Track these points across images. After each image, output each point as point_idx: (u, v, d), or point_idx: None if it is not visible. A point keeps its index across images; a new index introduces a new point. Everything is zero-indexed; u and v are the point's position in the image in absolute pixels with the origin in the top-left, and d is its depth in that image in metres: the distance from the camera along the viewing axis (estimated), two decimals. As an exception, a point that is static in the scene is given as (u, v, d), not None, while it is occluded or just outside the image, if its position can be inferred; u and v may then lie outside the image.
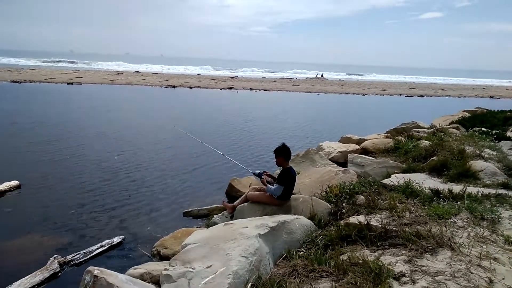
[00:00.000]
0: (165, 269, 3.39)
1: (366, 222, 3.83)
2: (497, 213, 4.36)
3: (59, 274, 4.51)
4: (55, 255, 4.74)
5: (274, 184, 4.85)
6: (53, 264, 4.59)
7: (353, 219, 4.07)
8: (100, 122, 14.37)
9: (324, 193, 5.13)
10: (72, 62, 62.69)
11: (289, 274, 3.15)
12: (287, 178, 4.76)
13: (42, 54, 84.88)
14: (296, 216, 4.21)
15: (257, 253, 3.32)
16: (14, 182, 7.16)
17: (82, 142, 10.85)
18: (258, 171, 5.38)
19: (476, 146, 8.09)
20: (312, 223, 4.25)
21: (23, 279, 4.25)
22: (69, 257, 4.81)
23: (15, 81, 28.33)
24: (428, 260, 3.21)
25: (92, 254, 4.98)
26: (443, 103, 29.90)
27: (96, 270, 2.46)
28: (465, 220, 4.19)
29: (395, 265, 3.17)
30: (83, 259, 4.88)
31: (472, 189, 5.21)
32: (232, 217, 5.05)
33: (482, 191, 5.13)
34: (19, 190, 7.07)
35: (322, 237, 3.91)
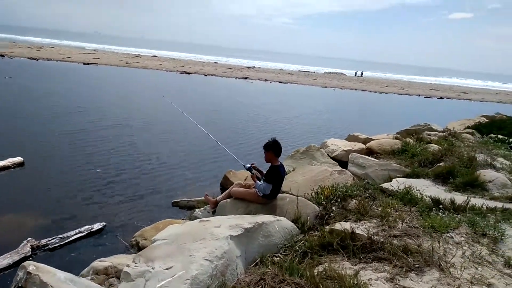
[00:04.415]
0: (127, 266, 3.13)
1: (351, 230, 3.50)
2: (500, 230, 3.95)
3: (30, 258, 4.32)
4: (29, 238, 4.56)
5: (263, 181, 4.52)
6: (25, 248, 4.41)
7: (339, 226, 3.74)
8: (104, 105, 14.22)
9: (314, 194, 4.77)
10: (92, 43, 63.29)
11: (255, 284, 2.86)
12: (275, 177, 4.42)
13: (68, 34, 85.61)
14: (278, 217, 3.88)
15: (225, 257, 3.03)
16: (18, 159, 7.06)
17: (85, 126, 10.60)
18: (249, 165, 4.90)
19: (489, 154, 7.59)
20: (295, 226, 3.92)
21: (-11, 262, 4.09)
22: (43, 241, 4.63)
23: (33, 58, 28.66)
24: (412, 280, 2.87)
25: (68, 240, 4.80)
26: (462, 107, 28.89)
27: (31, 266, 2.22)
28: (464, 235, 3.81)
29: (374, 282, 2.85)
30: (58, 244, 4.70)
31: (477, 201, 4.78)
32: (214, 213, 4.76)
33: (488, 204, 4.69)
34: (22, 167, 7.00)
35: (302, 243, 3.60)
